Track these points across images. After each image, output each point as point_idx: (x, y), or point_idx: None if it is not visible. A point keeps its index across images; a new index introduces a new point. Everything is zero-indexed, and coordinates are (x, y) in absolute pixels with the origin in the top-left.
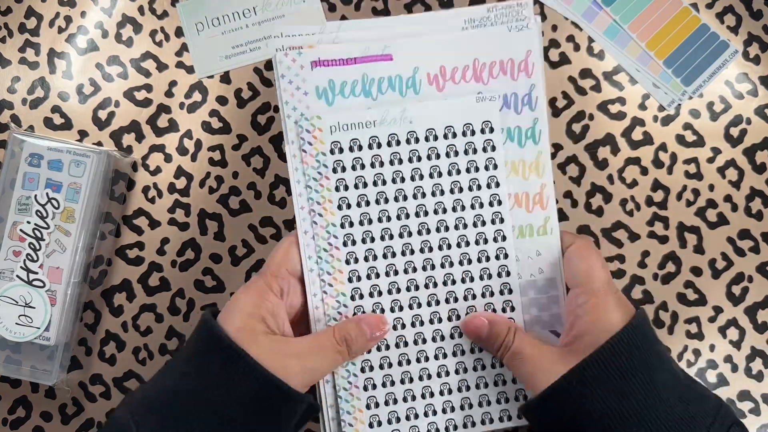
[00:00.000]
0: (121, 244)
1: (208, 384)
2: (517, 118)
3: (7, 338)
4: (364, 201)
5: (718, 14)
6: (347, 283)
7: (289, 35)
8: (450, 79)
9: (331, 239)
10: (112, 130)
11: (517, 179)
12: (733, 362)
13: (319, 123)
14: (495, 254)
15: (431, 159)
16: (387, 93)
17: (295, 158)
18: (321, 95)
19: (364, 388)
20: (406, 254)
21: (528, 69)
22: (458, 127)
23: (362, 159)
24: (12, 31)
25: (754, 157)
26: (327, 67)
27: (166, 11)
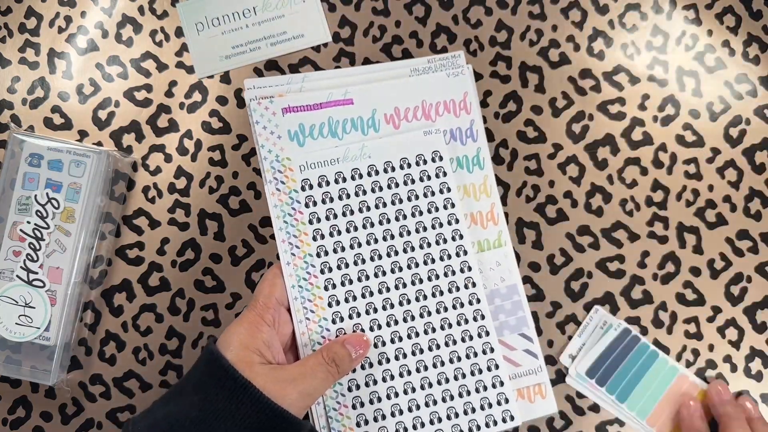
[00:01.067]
0: (121, 244)
1: (215, 414)
2: (463, 149)
3: (7, 338)
4: (336, 230)
5: (717, 15)
6: (327, 308)
7: (260, 87)
8: (404, 118)
9: (309, 268)
10: (112, 130)
11: (469, 200)
12: (732, 362)
13: (290, 163)
14: (459, 267)
15: (391, 188)
16: (351, 133)
17: (273, 196)
18: (293, 137)
19: (352, 407)
20: (378, 276)
21: (467, 107)
22: (411, 158)
23: (330, 193)
24: (12, 31)
25: (754, 158)
26: (296, 113)
27: (166, 11)
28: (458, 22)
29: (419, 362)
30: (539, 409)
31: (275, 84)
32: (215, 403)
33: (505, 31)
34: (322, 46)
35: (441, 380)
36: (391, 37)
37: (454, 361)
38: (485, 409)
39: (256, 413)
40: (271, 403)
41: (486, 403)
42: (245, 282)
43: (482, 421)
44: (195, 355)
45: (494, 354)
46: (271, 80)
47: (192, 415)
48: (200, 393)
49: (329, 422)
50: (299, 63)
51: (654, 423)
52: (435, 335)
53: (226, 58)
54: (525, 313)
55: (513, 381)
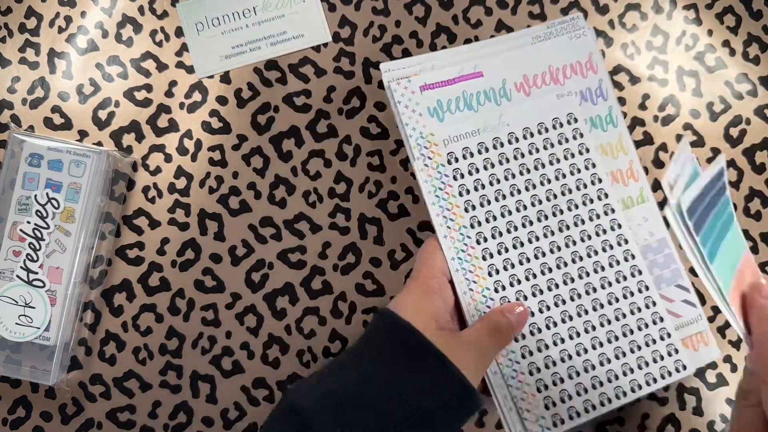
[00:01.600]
0: (121, 244)
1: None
2: (595, 109)
3: (7, 338)
4: (485, 200)
5: (717, 15)
6: (488, 277)
7: (394, 69)
8: (533, 84)
9: (465, 240)
10: (112, 130)
11: (607, 159)
12: (732, 362)
13: (434, 138)
14: (609, 226)
15: (532, 153)
16: (485, 104)
17: (422, 172)
18: (432, 113)
19: (529, 372)
20: (532, 241)
21: (593, 67)
22: (548, 122)
23: (475, 164)
24: (12, 31)
25: (754, 158)
26: (433, 89)
27: (166, 11)
28: (458, 22)
29: (586, 323)
30: (705, 356)
31: (407, 66)
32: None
33: (505, 31)
34: (322, 46)
35: (611, 338)
36: (391, 37)
37: (619, 318)
38: (657, 362)
39: (454, 389)
40: (465, 380)
41: (657, 356)
42: (245, 282)
43: (657, 373)
44: (195, 355)
45: (657, 307)
46: (403, 62)
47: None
48: (388, 364)
49: (510, 391)
50: (299, 63)
51: (733, 303)
52: (597, 295)
53: (226, 58)
54: (678, 265)
55: (677, 332)
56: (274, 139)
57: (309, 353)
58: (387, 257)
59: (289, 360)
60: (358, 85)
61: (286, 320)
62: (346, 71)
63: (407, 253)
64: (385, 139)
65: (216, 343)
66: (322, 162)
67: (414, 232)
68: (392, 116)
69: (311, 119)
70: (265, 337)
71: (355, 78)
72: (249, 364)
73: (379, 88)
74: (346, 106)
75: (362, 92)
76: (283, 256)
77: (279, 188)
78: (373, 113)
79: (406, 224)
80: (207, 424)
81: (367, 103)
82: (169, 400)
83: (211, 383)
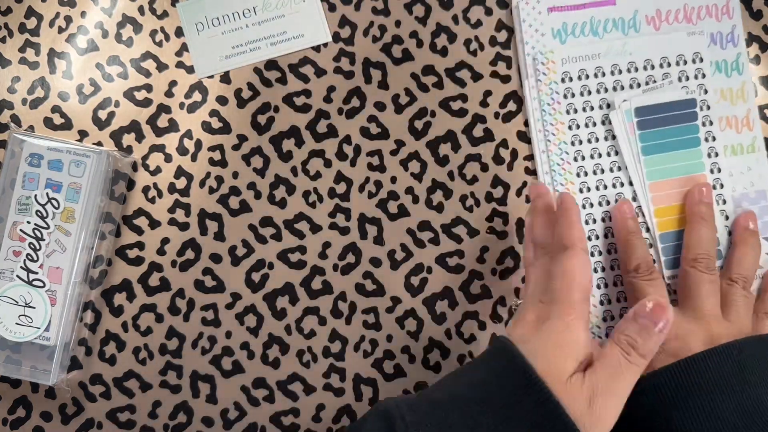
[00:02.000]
0: (121, 244)
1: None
2: (723, 53)
3: (7, 338)
4: (591, 122)
5: None
6: (578, 193)
7: None
8: (665, 20)
9: (563, 155)
10: (112, 130)
11: (726, 104)
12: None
13: (552, 56)
14: (710, 169)
15: (648, 84)
16: (611, 32)
17: (533, 89)
18: (555, 35)
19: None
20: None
21: (729, 12)
22: (672, 57)
23: (589, 86)
24: (12, 31)
25: None
26: (561, 12)
27: (166, 11)
28: (458, 22)
29: None
30: None
31: None
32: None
33: (505, 31)
34: (322, 46)
35: None
36: (391, 37)
37: None
38: None
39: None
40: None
41: None
42: (245, 282)
43: None
44: (195, 355)
45: None
46: None
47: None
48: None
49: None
50: (299, 63)
51: (655, 191)
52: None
53: (226, 57)
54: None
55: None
56: (274, 139)
57: (309, 353)
58: (387, 257)
59: (289, 360)
60: (358, 85)
61: (286, 320)
62: (346, 71)
63: (407, 253)
64: (385, 139)
65: (216, 343)
66: (322, 162)
67: (414, 232)
68: (392, 116)
69: (311, 119)
70: (265, 337)
71: (355, 78)
72: (249, 364)
73: (379, 88)
74: (346, 106)
75: (362, 92)
76: (283, 256)
77: (279, 188)
78: (373, 113)
79: (406, 224)
80: (207, 424)
81: (367, 103)
82: (169, 400)
83: (211, 383)
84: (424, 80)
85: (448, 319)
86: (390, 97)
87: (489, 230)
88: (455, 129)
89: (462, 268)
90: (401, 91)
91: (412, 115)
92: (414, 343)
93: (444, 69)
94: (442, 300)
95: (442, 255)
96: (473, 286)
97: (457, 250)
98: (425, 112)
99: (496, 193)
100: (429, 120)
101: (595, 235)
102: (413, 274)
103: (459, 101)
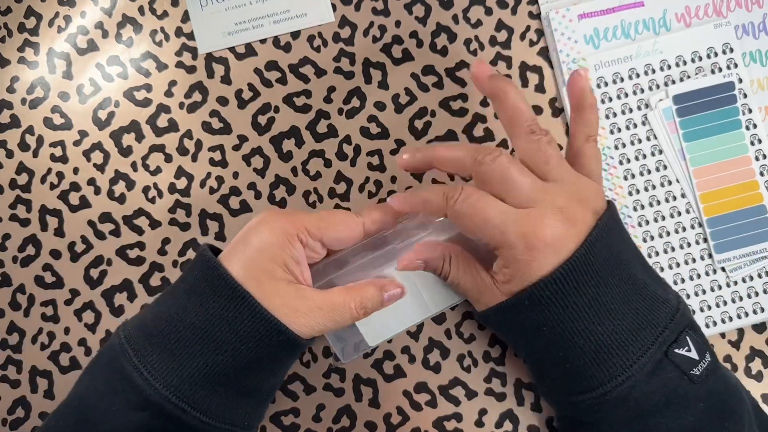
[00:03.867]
0: (121, 244)
1: (211, 320)
2: (756, 43)
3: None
4: (632, 123)
5: None
6: (628, 196)
7: (552, 0)
8: (695, 15)
9: (608, 160)
10: (112, 130)
11: (764, 94)
12: (733, 362)
13: (585, 63)
14: (754, 156)
15: (683, 80)
16: (643, 33)
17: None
18: (588, 41)
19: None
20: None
21: (759, 1)
22: (702, 51)
23: (624, 88)
24: (11, 31)
25: None
26: (591, 18)
27: (166, 11)
28: (458, 22)
29: (702, 251)
30: None
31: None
32: (211, 309)
33: (505, 31)
34: (322, 46)
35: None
36: (391, 37)
37: None
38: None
39: (254, 324)
40: (270, 317)
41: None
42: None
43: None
44: None
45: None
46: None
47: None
48: (195, 299)
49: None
50: (299, 63)
51: (699, 176)
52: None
53: (229, 34)
54: None
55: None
56: (275, 139)
57: (309, 352)
58: None
59: None
60: (358, 85)
61: None
62: (346, 71)
63: None
64: (385, 139)
65: None
66: (322, 162)
67: None
68: (392, 116)
69: (311, 119)
70: None
71: (355, 78)
72: None
73: (379, 88)
74: (346, 106)
75: (362, 92)
76: None
77: (279, 188)
78: (373, 113)
79: None
80: None
81: (367, 103)
82: None
83: None
84: (424, 80)
85: (448, 319)
86: (390, 97)
87: None
88: (455, 129)
89: None
90: (401, 91)
91: (412, 115)
92: (414, 343)
93: (444, 69)
94: None
95: None
96: None
97: None
98: (425, 112)
99: None
100: (429, 120)
101: (650, 236)
102: None
103: (459, 101)
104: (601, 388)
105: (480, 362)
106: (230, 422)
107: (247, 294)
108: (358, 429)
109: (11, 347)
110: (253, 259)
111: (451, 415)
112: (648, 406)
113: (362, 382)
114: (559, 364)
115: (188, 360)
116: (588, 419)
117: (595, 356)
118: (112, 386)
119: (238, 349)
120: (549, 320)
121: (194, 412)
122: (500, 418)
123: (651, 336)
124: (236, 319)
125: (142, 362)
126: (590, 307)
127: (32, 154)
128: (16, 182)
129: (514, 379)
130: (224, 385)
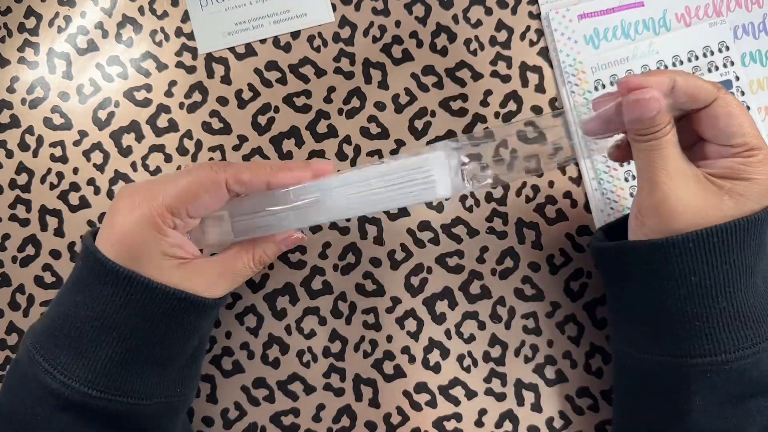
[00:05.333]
0: None
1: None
2: (756, 43)
3: None
4: None
5: None
6: (629, 197)
7: (552, 0)
8: (694, 15)
9: (608, 161)
10: (112, 130)
11: (764, 93)
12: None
13: (581, 66)
14: None
15: None
16: (642, 33)
17: (570, 98)
18: (588, 41)
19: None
20: None
21: (759, 1)
22: (698, 50)
23: None
24: (11, 31)
25: None
26: (591, 18)
27: (166, 11)
28: (458, 22)
29: None
30: None
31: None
32: (100, 298)
33: (505, 31)
34: (322, 46)
35: None
36: (391, 37)
37: None
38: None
39: (151, 298)
40: (163, 287)
41: None
42: (245, 282)
43: None
44: None
45: None
46: None
47: (81, 314)
48: (82, 290)
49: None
50: (299, 63)
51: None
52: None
53: (229, 34)
54: None
55: None
56: (275, 139)
57: (309, 353)
58: (387, 257)
59: (289, 360)
60: (358, 85)
61: (286, 320)
62: (346, 71)
63: (407, 253)
64: (385, 139)
65: (216, 343)
66: None
67: (414, 232)
68: (392, 116)
69: (311, 119)
70: (265, 337)
71: (355, 78)
72: (249, 364)
73: (379, 88)
74: (346, 106)
75: (362, 92)
76: (284, 256)
77: None
78: (373, 113)
79: (406, 224)
80: (207, 423)
81: (367, 103)
82: None
83: (212, 383)
84: (424, 80)
85: (448, 319)
86: (390, 97)
87: (489, 230)
88: (455, 129)
89: (462, 268)
90: (401, 91)
91: (412, 115)
92: (414, 343)
93: (444, 69)
94: (441, 300)
95: (441, 255)
96: (473, 286)
97: (457, 250)
98: (425, 112)
99: (495, 192)
100: (429, 120)
101: None
102: (413, 274)
103: (459, 101)
104: (725, 355)
105: (480, 362)
106: (162, 395)
107: (134, 274)
108: (358, 429)
109: (10, 347)
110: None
111: (451, 415)
112: (760, 388)
113: (362, 382)
114: (687, 321)
115: (96, 352)
116: (686, 386)
117: (731, 322)
118: (33, 395)
119: (142, 328)
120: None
121: (119, 397)
122: (500, 418)
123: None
124: (130, 302)
125: (52, 365)
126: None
127: (32, 154)
128: (16, 182)
129: (514, 379)
130: (141, 363)
